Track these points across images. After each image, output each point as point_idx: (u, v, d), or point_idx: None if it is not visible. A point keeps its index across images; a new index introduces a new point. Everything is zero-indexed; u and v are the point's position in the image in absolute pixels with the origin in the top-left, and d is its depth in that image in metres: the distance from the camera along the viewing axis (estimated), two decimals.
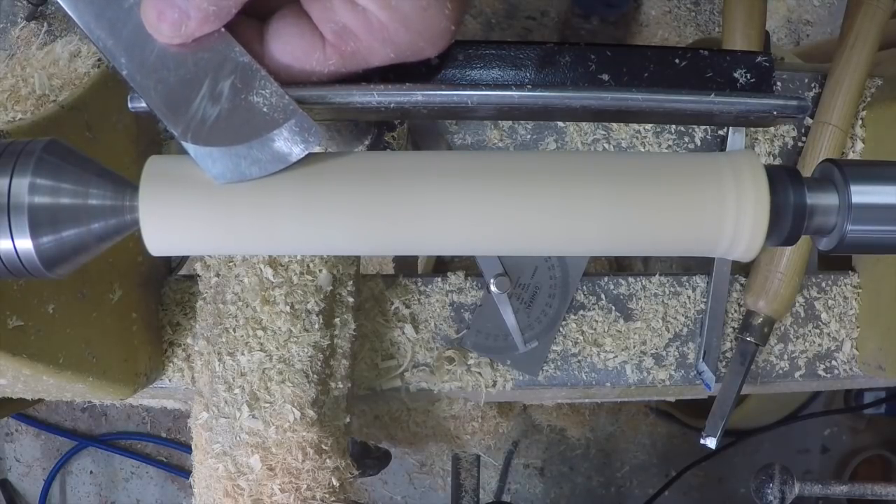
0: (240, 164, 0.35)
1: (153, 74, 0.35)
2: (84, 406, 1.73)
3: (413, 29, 0.34)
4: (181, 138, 0.34)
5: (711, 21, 1.80)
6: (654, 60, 0.39)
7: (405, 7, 0.34)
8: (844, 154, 0.73)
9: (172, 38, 0.34)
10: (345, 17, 0.34)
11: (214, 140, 0.34)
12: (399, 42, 0.35)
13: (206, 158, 0.34)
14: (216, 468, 0.58)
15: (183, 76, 0.35)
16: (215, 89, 0.35)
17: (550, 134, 0.74)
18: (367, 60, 0.36)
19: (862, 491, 0.88)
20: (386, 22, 0.34)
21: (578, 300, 0.73)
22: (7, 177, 0.32)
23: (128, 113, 0.54)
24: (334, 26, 0.35)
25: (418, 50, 0.36)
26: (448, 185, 0.36)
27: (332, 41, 0.35)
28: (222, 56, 0.35)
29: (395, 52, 0.36)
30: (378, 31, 0.34)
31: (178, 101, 0.34)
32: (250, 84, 0.35)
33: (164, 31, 0.34)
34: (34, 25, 0.91)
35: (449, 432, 0.89)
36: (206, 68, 0.35)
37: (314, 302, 0.60)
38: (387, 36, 0.35)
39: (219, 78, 0.35)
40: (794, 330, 0.74)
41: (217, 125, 0.34)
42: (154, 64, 0.35)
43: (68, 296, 0.54)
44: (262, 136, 0.34)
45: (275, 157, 0.35)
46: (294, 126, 0.35)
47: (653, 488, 1.67)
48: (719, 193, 0.36)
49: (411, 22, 0.34)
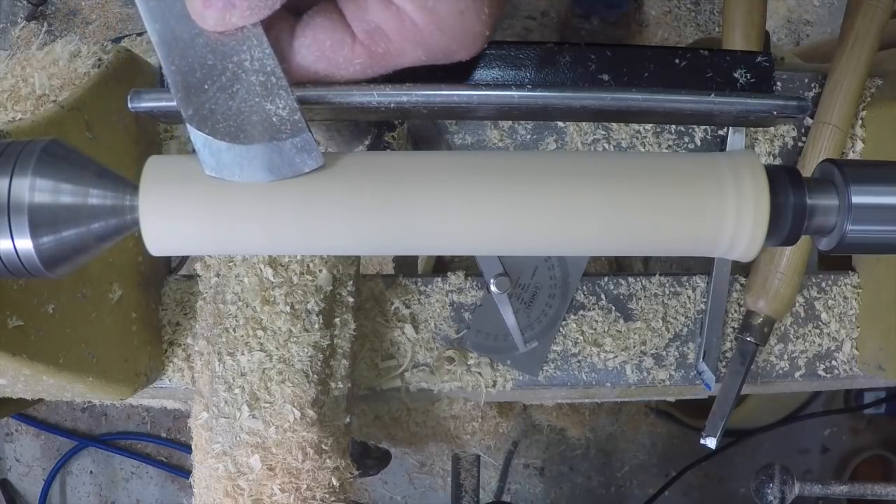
0: (233, 163, 0.35)
1: (180, 50, 0.34)
2: (84, 406, 1.73)
3: (448, 32, 0.34)
4: (187, 120, 0.34)
5: (711, 21, 1.80)
6: (654, 60, 0.39)
7: (442, 10, 0.33)
8: (844, 154, 0.73)
9: (215, 27, 0.34)
10: (379, 17, 0.34)
11: (218, 132, 0.34)
12: (432, 45, 0.35)
13: (204, 146, 0.34)
14: (216, 468, 0.58)
15: (207, 61, 0.34)
16: (234, 84, 0.34)
17: (550, 134, 0.74)
18: (396, 62, 0.36)
19: (862, 491, 0.88)
20: (421, 24, 0.34)
21: (578, 300, 0.73)
22: (7, 177, 0.32)
23: (128, 113, 0.54)
24: (367, 25, 0.34)
25: (450, 53, 0.36)
26: (448, 185, 0.36)
27: (363, 40, 0.35)
28: (250, 53, 0.35)
29: (427, 55, 0.35)
30: (411, 33, 0.34)
31: (195, 84, 0.34)
32: (269, 90, 0.35)
33: (208, 18, 0.33)
34: (34, 25, 0.91)
35: (449, 432, 0.89)
36: (232, 61, 0.34)
37: (314, 302, 0.60)
38: (420, 38, 0.34)
39: (240, 74, 0.34)
40: (794, 330, 0.74)
41: (224, 119, 0.34)
42: (185, 40, 0.34)
43: (68, 296, 0.54)
44: (264, 145, 0.34)
45: (269, 168, 0.35)
46: (298, 144, 0.35)
47: (653, 488, 1.67)
48: (719, 193, 0.36)
49: (447, 25, 0.34)
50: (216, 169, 0.35)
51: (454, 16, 0.33)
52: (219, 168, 0.35)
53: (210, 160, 0.35)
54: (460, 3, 0.33)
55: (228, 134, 0.34)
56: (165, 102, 0.38)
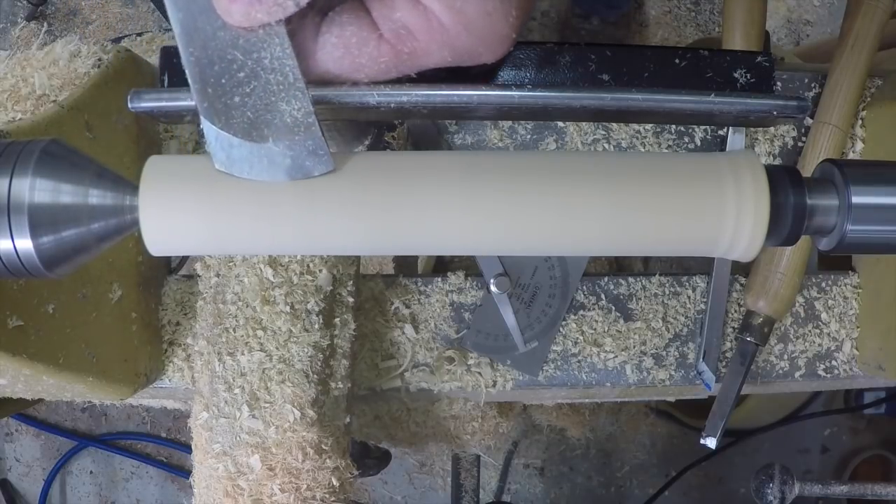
0: (243, 159, 0.35)
1: (201, 42, 0.34)
2: (84, 406, 1.73)
3: (475, 34, 0.34)
4: (202, 112, 0.34)
5: (711, 21, 1.80)
6: (654, 60, 0.39)
7: (470, 11, 0.33)
8: (844, 154, 0.73)
9: (240, 22, 0.33)
10: (406, 16, 0.34)
11: (231, 127, 0.34)
12: (458, 46, 0.34)
13: (216, 140, 0.34)
14: (216, 468, 0.58)
15: (227, 55, 0.34)
16: (251, 81, 0.34)
17: (550, 134, 0.74)
18: (421, 62, 0.35)
19: (862, 491, 0.88)
20: (448, 24, 0.33)
21: (578, 300, 0.73)
22: (7, 177, 0.32)
23: (128, 113, 0.54)
24: (394, 24, 0.34)
25: (476, 55, 0.35)
26: (448, 185, 0.36)
27: (389, 39, 0.34)
28: (270, 52, 0.34)
29: (452, 56, 0.35)
30: (438, 33, 0.34)
31: (212, 77, 0.34)
32: (285, 90, 0.34)
33: (233, 13, 0.33)
34: (34, 25, 0.91)
35: (449, 432, 0.89)
36: (251, 58, 0.34)
37: (314, 302, 0.60)
38: (447, 39, 0.34)
39: (258, 71, 0.34)
40: (794, 330, 0.74)
41: (239, 115, 0.34)
42: (207, 32, 0.34)
43: (68, 296, 0.54)
44: (276, 144, 0.34)
45: (278, 168, 0.35)
46: (310, 147, 0.34)
47: (653, 488, 1.67)
48: (719, 194, 0.36)
49: (474, 26, 0.34)
50: (225, 164, 0.35)
51: (482, 17, 0.33)
52: (228, 163, 0.35)
53: (220, 154, 0.34)
54: (488, 5, 0.33)
55: (241, 130, 0.34)
56: (165, 102, 0.38)
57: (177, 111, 0.38)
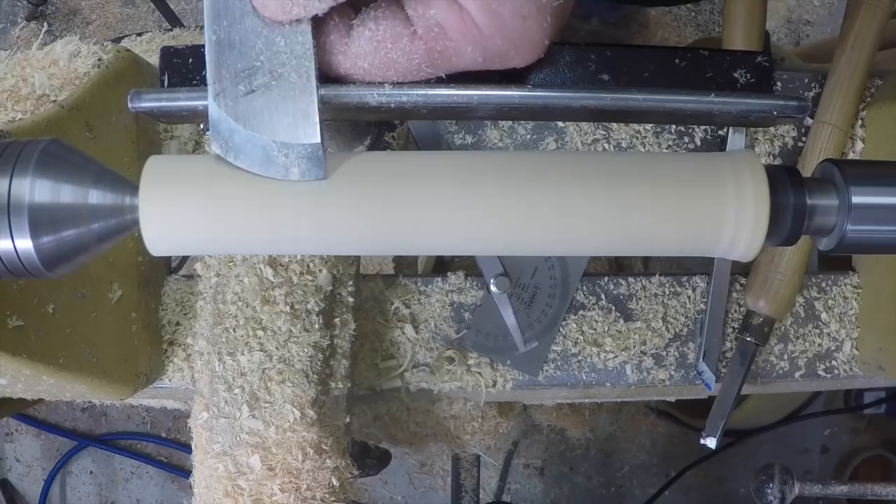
0: (240, 148, 0.35)
1: (227, 24, 0.34)
2: (84, 406, 1.73)
3: (508, 37, 0.34)
4: (210, 93, 0.35)
5: (711, 21, 1.80)
6: (654, 60, 0.39)
7: (505, 13, 0.33)
8: (844, 154, 0.73)
9: (276, 15, 0.33)
10: (441, 14, 0.34)
11: (233, 112, 0.34)
12: (490, 48, 0.34)
13: (219, 122, 0.35)
14: (216, 468, 0.58)
15: (248, 41, 0.34)
16: (266, 73, 0.34)
17: (550, 134, 0.74)
18: (452, 63, 0.35)
19: (862, 491, 0.88)
20: (482, 25, 0.33)
21: (578, 300, 0.73)
22: (7, 177, 0.32)
23: (128, 113, 0.54)
24: (428, 22, 0.34)
25: (507, 59, 0.35)
26: (448, 185, 0.36)
27: (422, 36, 0.34)
28: (291, 48, 0.34)
29: (484, 58, 0.35)
30: (472, 34, 0.34)
31: (228, 59, 0.34)
32: (298, 89, 0.34)
33: (269, 5, 0.33)
34: (34, 25, 0.91)
35: (449, 432, 0.89)
36: (272, 49, 0.34)
37: (314, 302, 0.60)
38: (480, 40, 0.34)
39: (276, 65, 0.34)
40: (794, 330, 0.74)
41: (244, 101, 0.34)
42: (234, 16, 0.34)
43: (68, 296, 0.54)
44: (277, 141, 0.34)
45: (273, 164, 0.35)
46: (308, 150, 0.35)
47: (653, 488, 1.67)
48: (719, 194, 0.36)
49: (508, 30, 0.34)
50: (223, 149, 0.35)
51: (517, 20, 0.33)
52: (225, 148, 0.35)
53: (220, 139, 0.35)
54: (524, 9, 0.33)
55: (246, 119, 0.34)
56: (165, 102, 0.38)
57: (177, 111, 0.38)
